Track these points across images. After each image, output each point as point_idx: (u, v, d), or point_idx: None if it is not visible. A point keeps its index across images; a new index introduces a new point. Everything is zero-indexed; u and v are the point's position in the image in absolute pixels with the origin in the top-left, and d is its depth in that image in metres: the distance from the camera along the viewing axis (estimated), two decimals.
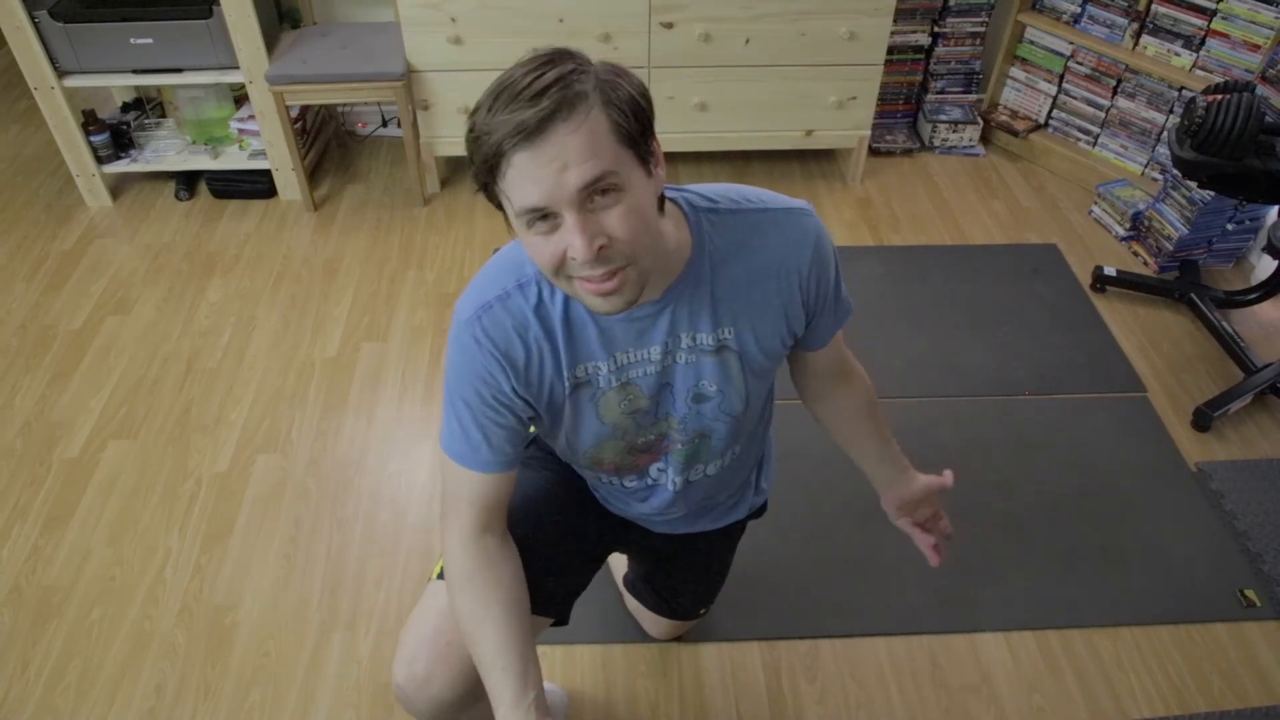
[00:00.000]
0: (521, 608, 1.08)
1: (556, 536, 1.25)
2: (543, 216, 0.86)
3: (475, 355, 1.02)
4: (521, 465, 1.17)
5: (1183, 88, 2.75)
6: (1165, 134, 2.85)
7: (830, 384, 1.27)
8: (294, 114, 2.82)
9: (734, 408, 1.13)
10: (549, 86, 0.82)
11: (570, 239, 0.86)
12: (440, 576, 1.16)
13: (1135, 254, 2.75)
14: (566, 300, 1.01)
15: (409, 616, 1.15)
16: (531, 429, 1.13)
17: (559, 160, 0.82)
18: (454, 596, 1.08)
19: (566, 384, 1.06)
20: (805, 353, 1.20)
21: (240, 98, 2.92)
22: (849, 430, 1.32)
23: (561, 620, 1.28)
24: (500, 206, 0.90)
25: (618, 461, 1.20)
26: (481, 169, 0.86)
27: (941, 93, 3.20)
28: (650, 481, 1.25)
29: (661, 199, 0.95)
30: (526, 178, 0.83)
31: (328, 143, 3.20)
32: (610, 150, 0.85)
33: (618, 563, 1.76)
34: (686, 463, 1.20)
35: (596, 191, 0.85)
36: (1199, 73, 2.71)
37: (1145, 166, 2.94)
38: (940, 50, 3.12)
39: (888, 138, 3.22)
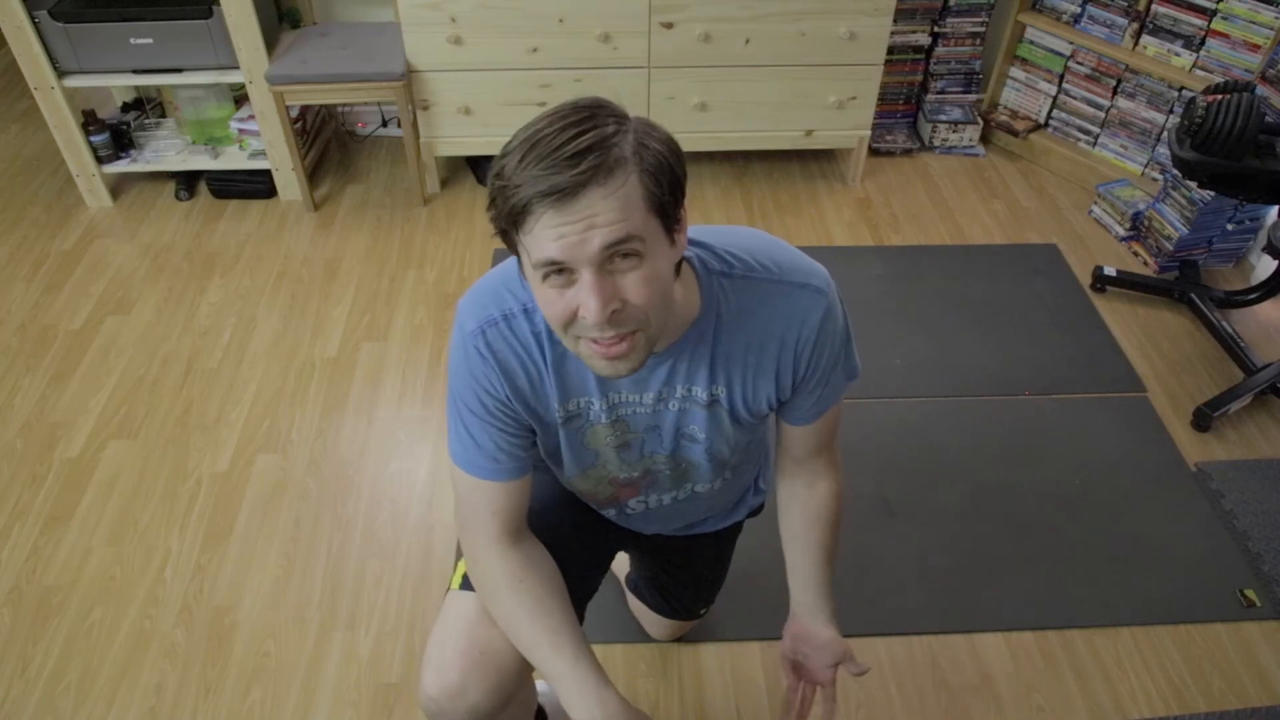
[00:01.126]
0: (569, 601, 1.11)
1: (571, 538, 1.25)
2: (559, 270, 0.84)
3: (479, 366, 1.02)
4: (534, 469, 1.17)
5: (1183, 88, 2.75)
6: (1165, 134, 2.85)
7: (800, 470, 1.22)
8: (294, 114, 2.82)
9: (719, 451, 1.14)
10: (588, 150, 0.80)
11: (584, 298, 0.84)
12: (463, 587, 1.16)
13: (1135, 254, 2.75)
14: None
15: (431, 630, 1.14)
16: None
17: (587, 221, 0.81)
18: (499, 602, 1.08)
19: (558, 415, 1.07)
20: (785, 424, 1.18)
21: (240, 98, 2.92)
22: (796, 527, 1.23)
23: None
24: (516, 252, 0.89)
25: (596, 492, 1.22)
26: (504, 217, 0.84)
27: (941, 93, 3.20)
28: (629, 513, 1.27)
29: (679, 264, 0.95)
30: (550, 233, 0.82)
31: (328, 143, 3.20)
32: (640, 217, 0.83)
33: (620, 563, 1.76)
34: (673, 485, 1.21)
35: (618, 254, 0.84)
36: (1199, 73, 2.71)
37: (1145, 166, 2.94)
38: (940, 50, 3.12)
39: (888, 138, 3.22)
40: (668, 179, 0.85)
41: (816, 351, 1.05)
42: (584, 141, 0.80)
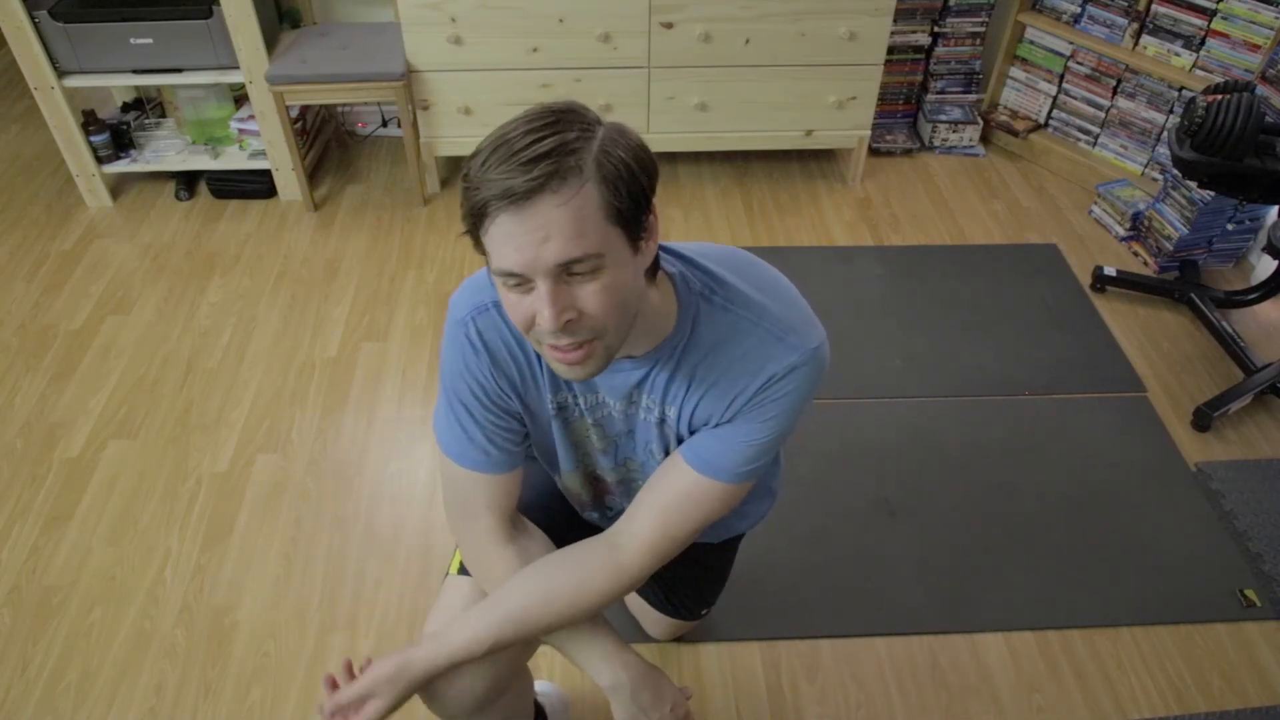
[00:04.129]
0: None
1: (568, 532, 1.26)
2: (517, 281, 0.85)
3: (470, 356, 1.02)
4: (528, 459, 1.18)
5: (1183, 88, 2.75)
6: (1165, 134, 2.85)
7: (620, 524, 1.11)
8: (294, 114, 2.82)
9: None
10: (545, 155, 0.79)
11: (539, 307, 0.84)
12: (461, 571, 1.18)
13: (1135, 254, 2.75)
14: None
15: (429, 614, 1.15)
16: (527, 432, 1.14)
17: (542, 231, 0.80)
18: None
19: (550, 406, 1.07)
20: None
21: (240, 98, 2.92)
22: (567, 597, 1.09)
23: None
24: (483, 252, 0.89)
25: (580, 493, 1.23)
26: (467, 216, 0.85)
27: (941, 93, 3.20)
28: (611, 514, 1.27)
29: (655, 266, 0.93)
30: (507, 241, 0.82)
31: (328, 143, 3.20)
32: (597, 230, 0.82)
33: None
34: None
35: (572, 268, 0.83)
36: (1199, 73, 2.71)
37: (1145, 166, 2.94)
38: (940, 50, 3.12)
39: (888, 138, 3.22)
40: (628, 188, 0.84)
41: (764, 398, 1.01)
42: (543, 146, 0.80)
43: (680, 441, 1.08)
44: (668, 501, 1.07)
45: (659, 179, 0.90)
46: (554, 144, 0.80)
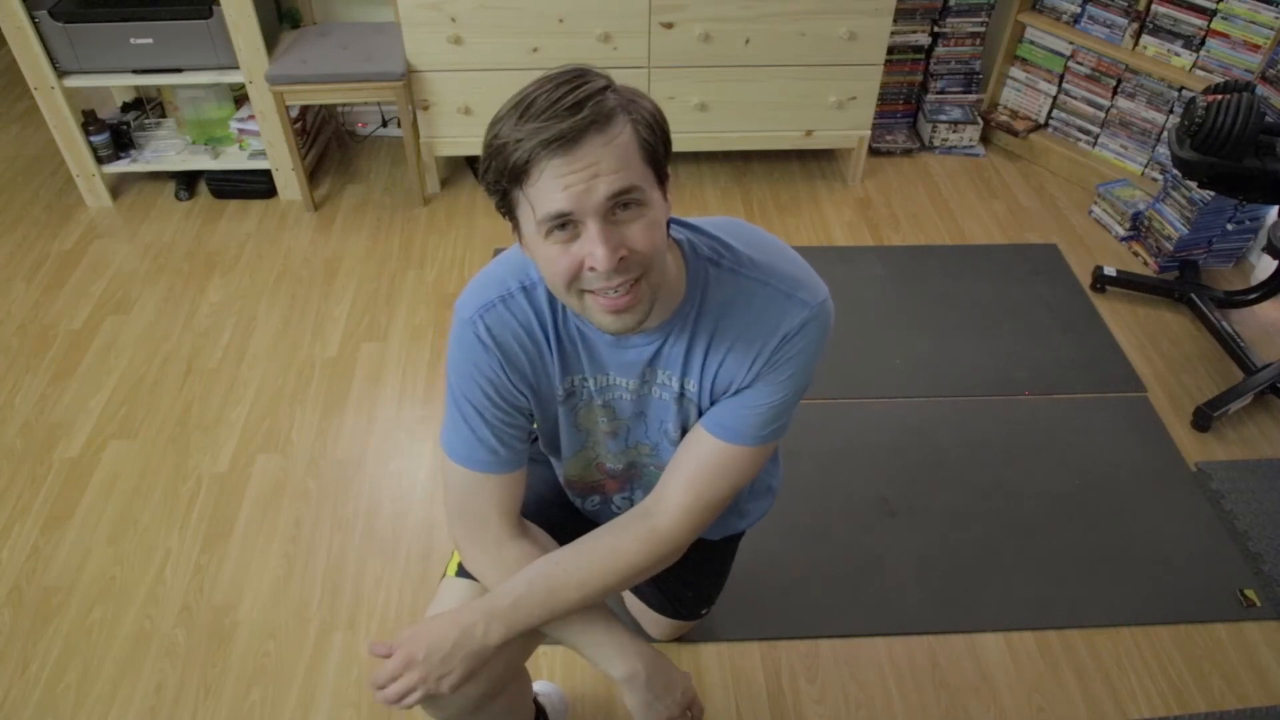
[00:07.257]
0: None
1: (569, 528, 1.26)
2: (562, 225, 0.86)
3: (479, 353, 1.02)
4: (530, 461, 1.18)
5: (1183, 88, 2.75)
6: (1165, 134, 2.85)
7: (652, 497, 1.11)
8: (294, 114, 2.82)
9: None
10: (584, 100, 0.83)
11: (591, 248, 0.86)
12: (459, 574, 1.17)
13: (1135, 254, 2.75)
14: (564, 310, 1.02)
15: (424, 616, 1.15)
16: (534, 424, 1.14)
17: (591, 168, 0.83)
18: None
19: (560, 392, 1.07)
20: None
21: (240, 98, 2.92)
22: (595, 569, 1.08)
23: None
24: (512, 217, 0.90)
25: (584, 476, 1.23)
26: (505, 175, 0.87)
27: (941, 93, 3.20)
28: (614, 509, 1.27)
29: (666, 226, 0.96)
30: (556, 183, 0.84)
31: (328, 143, 3.20)
32: (638, 166, 0.86)
33: None
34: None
35: (620, 204, 0.86)
36: (1199, 73, 2.71)
37: (1145, 166, 2.94)
38: (940, 50, 3.12)
39: (888, 138, 3.22)
40: (659, 131, 0.89)
41: (780, 356, 1.02)
42: (579, 94, 0.84)
43: (701, 415, 1.08)
44: (696, 470, 1.08)
45: None
46: (587, 92, 0.84)
